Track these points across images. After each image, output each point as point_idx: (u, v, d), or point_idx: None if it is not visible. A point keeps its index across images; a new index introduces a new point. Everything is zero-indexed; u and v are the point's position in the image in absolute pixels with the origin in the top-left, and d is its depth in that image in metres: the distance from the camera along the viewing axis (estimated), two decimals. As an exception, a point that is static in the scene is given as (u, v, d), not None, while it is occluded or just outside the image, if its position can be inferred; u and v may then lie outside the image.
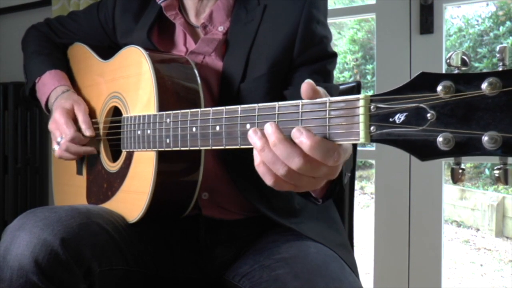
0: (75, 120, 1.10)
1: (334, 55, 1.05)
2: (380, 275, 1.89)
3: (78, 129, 1.09)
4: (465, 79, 0.49)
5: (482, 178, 4.34)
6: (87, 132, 1.08)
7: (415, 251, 1.81)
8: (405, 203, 1.82)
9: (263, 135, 0.63)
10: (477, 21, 4.11)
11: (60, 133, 1.09)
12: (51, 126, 1.12)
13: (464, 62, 0.50)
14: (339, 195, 0.87)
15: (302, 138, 0.60)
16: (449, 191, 4.30)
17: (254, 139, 0.64)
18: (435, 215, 1.78)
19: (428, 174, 1.79)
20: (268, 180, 0.66)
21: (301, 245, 0.96)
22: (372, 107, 0.55)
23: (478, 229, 4.10)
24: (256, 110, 0.67)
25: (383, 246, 1.88)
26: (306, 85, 0.62)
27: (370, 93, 0.58)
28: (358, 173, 1.56)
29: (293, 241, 0.98)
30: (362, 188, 4.66)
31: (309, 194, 0.85)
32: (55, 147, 1.11)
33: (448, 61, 0.51)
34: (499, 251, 3.80)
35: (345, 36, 4.72)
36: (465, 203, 4.28)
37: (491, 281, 3.42)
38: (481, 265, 3.64)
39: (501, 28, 3.94)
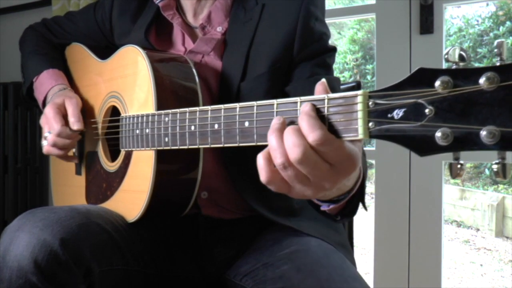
0: (66, 115, 1.07)
1: (333, 50, 1.06)
2: (380, 275, 1.89)
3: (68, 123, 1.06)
4: (463, 74, 0.49)
5: (482, 178, 4.34)
6: (75, 125, 1.05)
7: (415, 251, 1.81)
8: (405, 203, 1.82)
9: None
10: (477, 21, 4.11)
11: (48, 127, 1.07)
12: (41, 120, 1.10)
13: (461, 58, 0.50)
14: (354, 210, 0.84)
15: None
16: (449, 191, 4.30)
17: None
18: (435, 215, 1.78)
19: (428, 174, 1.79)
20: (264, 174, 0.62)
21: (301, 240, 0.97)
22: (370, 103, 0.55)
23: (478, 229, 4.10)
24: (255, 107, 0.67)
25: (383, 246, 1.88)
26: (321, 86, 0.63)
27: (370, 92, 0.57)
28: (358, 173, 1.55)
29: (293, 237, 0.98)
30: (362, 188, 4.64)
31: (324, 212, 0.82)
32: (44, 142, 1.09)
33: (446, 56, 0.51)
34: (499, 251, 3.80)
35: (345, 36, 4.71)
36: (465, 203, 4.28)
37: (491, 281, 3.41)
38: (481, 265, 3.63)
39: (501, 28, 3.94)
